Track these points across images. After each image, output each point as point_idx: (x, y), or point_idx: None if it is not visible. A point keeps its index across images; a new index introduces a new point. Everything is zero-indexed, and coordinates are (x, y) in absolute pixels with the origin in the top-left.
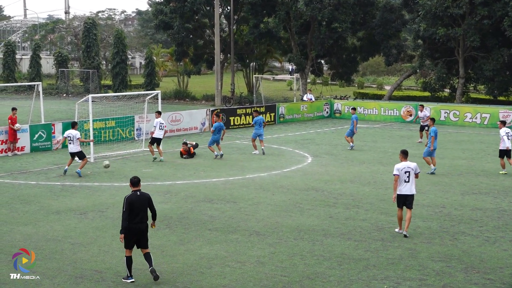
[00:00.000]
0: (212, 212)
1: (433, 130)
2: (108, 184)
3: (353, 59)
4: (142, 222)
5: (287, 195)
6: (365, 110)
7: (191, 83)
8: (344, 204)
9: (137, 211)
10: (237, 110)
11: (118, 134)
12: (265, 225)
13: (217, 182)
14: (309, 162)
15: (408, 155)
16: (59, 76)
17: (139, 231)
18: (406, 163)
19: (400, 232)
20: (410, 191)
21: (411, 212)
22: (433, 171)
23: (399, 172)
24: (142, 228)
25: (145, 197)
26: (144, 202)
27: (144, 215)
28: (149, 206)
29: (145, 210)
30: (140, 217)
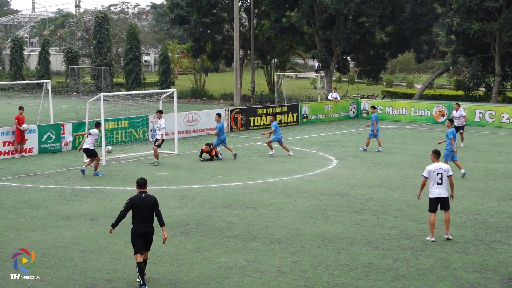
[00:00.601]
0: (230, 218)
1: (450, 132)
2: (121, 188)
3: (381, 55)
4: (148, 225)
5: (311, 201)
6: (394, 110)
7: (209, 81)
8: (371, 211)
9: (141, 214)
10: (257, 110)
11: (131, 135)
12: (287, 232)
13: (236, 186)
14: (334, 166)
15: (440, 155)
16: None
17: (145, 234)
18: (439, 164)
19: (432, 240)
20: (444, 194)
21: (449, 213)
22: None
23: (431, 174)
24: (149, 231)
25: (150, 200)
26: (149, 205)
27: (150, 218)
28: (154, 210)
29: (151, 213)
30: (147, 219)
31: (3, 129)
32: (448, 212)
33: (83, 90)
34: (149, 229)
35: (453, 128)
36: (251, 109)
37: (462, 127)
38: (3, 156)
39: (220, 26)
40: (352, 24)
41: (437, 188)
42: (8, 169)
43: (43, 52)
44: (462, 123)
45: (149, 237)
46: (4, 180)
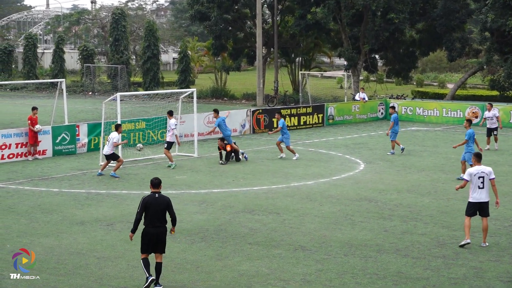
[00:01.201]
0: (252, 224)
1: (468, 133)
2: (138, 192)
3: (412, 53)
4: (160, 225)
5: (337, 206)
6: (425, 111)
7: (230, 80)
8: (400, 217)
9: (154, 214)
10: (281, 110)
11: (149, 137)
12: (312, 239)
13: (258, 190)
14: (361, 169)
15: (482, 158)
16: (84, 72)
17: (156, 234)
18: (480, 168)
19: (467, 242)
20: (485, 198)
21: (487, 220)
22: None
23: (472, 177)
24: (160, 232)
25: (163, 200)
26: (162, 206)
27: (162, 218)
28: (168, 210)
29: (163, 213)
30: (158, 220)
31: (15, 130)
32: (487, 220)
33: (99, 89)
34: (161, 230)
35: (472, 129)
36: (275, 110)
37: (496, 129)
38: (15, 158)
39: (242, 23)
40: (380, 21)
41: (477, 193)
42: (21, 172)
43: (58, 50)
44: (495, 124)
45: (161, 238)
46: (17, 184)
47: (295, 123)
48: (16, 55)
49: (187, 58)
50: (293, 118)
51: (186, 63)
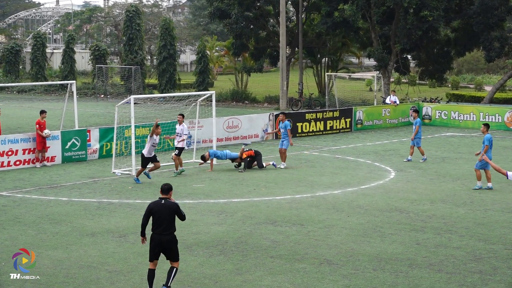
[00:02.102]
0: (275, 236)
1: (486, 138)
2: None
3: (446, 53)
4: (165, 233)
5: (365, 217)
6: (460, 116)
7: (252, 82)
8: (434, 229)
9: (159, 220)
10: (306, 114)
11: (165, 143)
12: (339, 252)
13: (281, 200)
14: (391, 178)
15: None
16: (96, 73)
17: (162, 242)
18: None
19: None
20: None
21: None
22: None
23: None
24: (166, 239)
25: (170, 206)
26: (167, 212)
27: (169, 225)
28: (176, 216)
29: (170, 220)
30: (163, 227)
31: (23, 136)
32: None
33: (112, 92)
34: (166, 238)
35: (489, 134)
36: (299, 114)
37: None
38: (22, 165)
39: (264, 21)
40: (413, 19)
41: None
42: (28, 180)
43: (68, 49)
44: None
45: (167, 246)
46: (23, 192)
47: (321, 128)
48: (24, 55)
49: (205, 58)
50: (319, 123)
51: (205, 63)
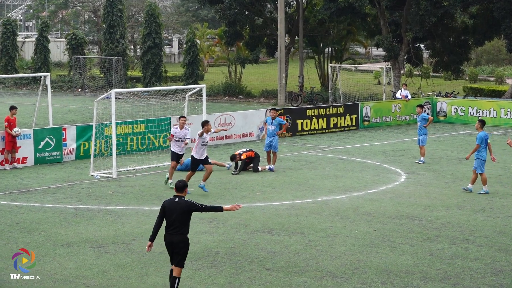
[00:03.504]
0: (272, 247)
1: (479, 136)
2: (135, 207)
3: (464, 43)
4: (177, 233)
5: (373, 225)
6: (479, 112)
7: (246, 74)
8: (449, 238)
9: (171, 219)
10: (307, 110)
11: (149, 142)
12: (343, 264)
13: (279, 206)
14: (402, 181)
15: None
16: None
17: (172, 242)
18: None
19: None
20: None
21: None
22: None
23: None
24: (176, 239)
25: (184, 205)
26: (181, 211)
27: (181, 226)
28: (197, 211)
29: (183, 220)
30: (175, 227)
31: None
32: None
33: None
34: (176, 238)
35: (484, 131)
36: (299, 110)
37: None
38: None
39: (261, 6)
40: (426, 3)
41: None
42: None
43: (41, 38)
44: None
45: (176, 247)
46: None
47: (324, 125)
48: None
49: (195, 48)
50: (321, 120)
51: (194, 54)
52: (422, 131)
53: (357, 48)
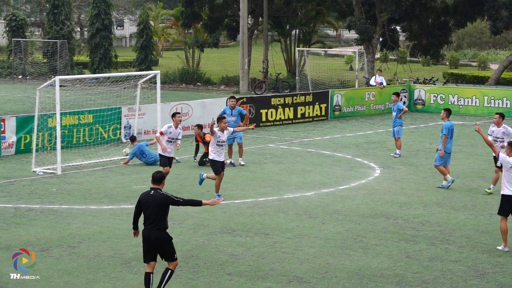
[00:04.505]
0: (233, 249)
1: (445, 126)
2: (82, 207)
3: (444, 24)
4: (154, 228)
5: (344, 225)
6: (460, 100)
7: (205, 59)
8: (427, 238)
9: (147, 213)
10: (271, 99)
11: (98, 134)
12: (311, 268)
13: (241, 204)
14: (376, 176)
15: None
16: (13, 49)
17: (150, 238)
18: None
19: (505, 249)
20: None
21: None
22: (450, 183)
23: (508, 170)
24: (154, 235)
25: (159, 198)
26: (156, 204)
27: (159, 220)
28: (173, 204)
29: (160, 215)
30: (152, 221)
31: None
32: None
33: (32, 72)
34: (154, 235)
35: (450, 121)
36: (263, 99)
37: None
38: None
39: None
40: None
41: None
42: None
43: None
44: None
45: (158, 244)
46: None
47: (290, 115)
48: None
49: (148, 30)
50: (288, 110)
51: (147, 37)
52: (397, 121)
53: (327, 31)
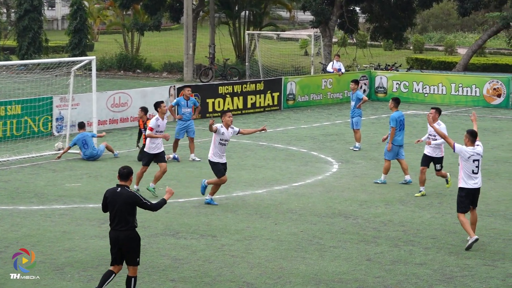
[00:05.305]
0: (177, 253)
1: (392, 118)
2: (9, 207)
3: (407, 5)
4: (121, 229)
5: (299, 225)
6: (425, 88)
7: (146, 44)
8: (390, 239)
9: (113, 212)
10: (219, 87)
11: (27, 127)
12: (263, 272)
13: (185, 203)
14: (334, 172)
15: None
16: None
17: (118, 239)
18: (475, 149)
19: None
20: (479, 184)
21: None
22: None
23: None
24: (122, 236)
25: (127, 196)
26: (123, 203)
27: (125, 219)
28: (140, 206)
29: (127, 213)
30: (119, 221)
31: None
32: (475, 210)
33: None
34: (122, 235)
35: (399, 111)
36: (210, 87)
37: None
38: None
39: None
40: None
41: (473, 179)
42: None
43: None
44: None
45: (124, 245)
46: None
47: (239, 105)
48: None
49: (82, 12)
50: (237, 99)
51: (82, 19)
52: (356, 112)
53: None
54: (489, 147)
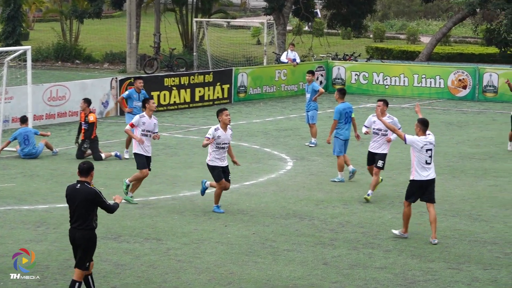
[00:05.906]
0: (119, 257)
1: (336, 110)
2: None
3: None
4: (79, 227)
5: (250, 227)
6: (386, 79)
7: (85, 32)
8: (348, 242)
9: (72, 209)
10: (164, 79)
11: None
12: (212, 278)
13: (128, 204)
14: (288, 170)
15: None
16: None
17: (74, 239)
18: (427, 139)
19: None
20: (433, 175)
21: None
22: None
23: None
24: (78, 236)
25: (86, 193)
26: (82, 200)
27: (83, 218)
28: (100, 206)
29: (86, 211)
30: (77, 219)
31: None
32: (434, 207)
33: None
34: (79, 233)
35: (346, 102)
36: (155, 79)
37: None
38: None
39: None
40: None
41: (425, 170)
42: None
43: None
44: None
45: (80, 245)
46: None
47: (187, 98)
48: None
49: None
50: (184, 92)
51: (16, 6)
52: (311, 105)
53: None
54: (454, 142)
